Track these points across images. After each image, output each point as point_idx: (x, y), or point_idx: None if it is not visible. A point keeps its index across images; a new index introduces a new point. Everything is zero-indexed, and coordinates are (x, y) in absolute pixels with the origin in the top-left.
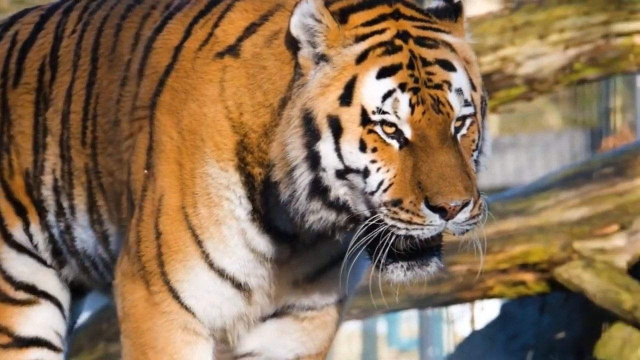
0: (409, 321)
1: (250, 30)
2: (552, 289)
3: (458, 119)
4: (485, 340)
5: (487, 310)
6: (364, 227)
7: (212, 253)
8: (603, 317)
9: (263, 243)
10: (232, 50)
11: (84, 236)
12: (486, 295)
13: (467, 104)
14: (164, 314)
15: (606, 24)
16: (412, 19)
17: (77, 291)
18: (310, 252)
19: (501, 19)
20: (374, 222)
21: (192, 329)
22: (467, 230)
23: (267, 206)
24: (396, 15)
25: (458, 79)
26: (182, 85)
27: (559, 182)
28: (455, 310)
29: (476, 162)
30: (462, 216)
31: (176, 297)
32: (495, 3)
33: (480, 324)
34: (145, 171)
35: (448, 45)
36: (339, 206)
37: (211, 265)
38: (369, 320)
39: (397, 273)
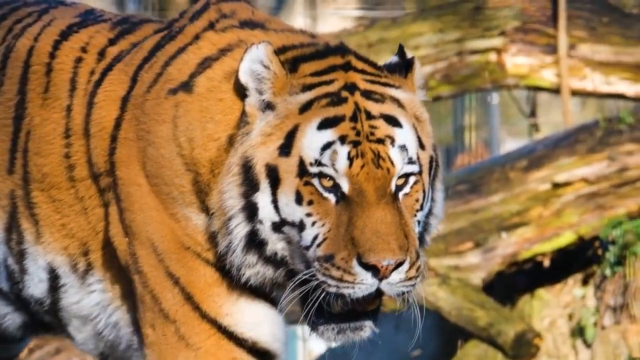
0: None
1: (204, 64)
2: (407, 307)
3: (400, 177)
4: (341, 357)
5: None
6: (297, 280)
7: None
8: (458, 334)
9: None
10: (185, 86)
11: None
12: None
13: (411, 161)
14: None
15: (460, 41)
16: (362, 72)
17: None
18: None
19: (356, 35)
20: (306, 276)
21: None
22: (403, 293)
23: None
24: (347, 67)
25: (403, 135)
26: (135, 133)
27: None
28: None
29: (422, 222)
30: (396, 276)
31: (232, 336)
32: (349, 20)
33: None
34: (126, 239)
35: (396, 100)
36: (276, 261)
37: (244, 285)
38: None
39: (328, 335)
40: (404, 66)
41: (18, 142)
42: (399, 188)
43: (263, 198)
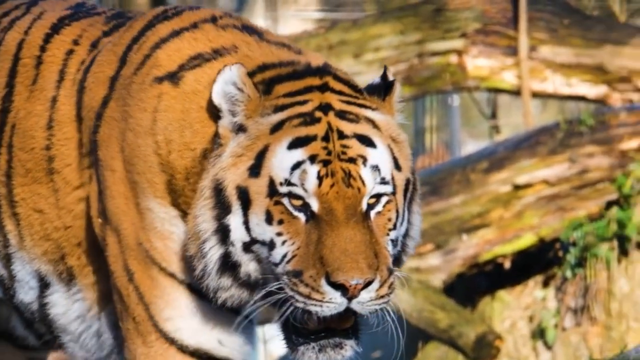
0: None
1: (196, 60)
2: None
3: (372, 196)
4: None
5: None
6: (264, 291)
7: (187, 279)
8: (419, 336)
9: None
10: (172, 77)
11: None
12: None
13: (384, 181)
14: None
15: (421, 43)
16: (340, 93)
17: None
18: None
19: (316, 37)
20: (274, 288)
21: None
22: (376, 310)
23: None
24: (323, 88)
25: (376, 155)
26: (120, 114)
27: None
28: (270, 329)
29: (399, 243)
30: (366, 295)
31: (173, 341)
32: (310, 22)
33: None
34: (100, 220)
35: (371, 121)
36: (250, 284)
37: (192, 289)
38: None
39: (309, 355)
40: (383, 88)
41: (3, 137)
42: (371, 207)
43: (235, 220)
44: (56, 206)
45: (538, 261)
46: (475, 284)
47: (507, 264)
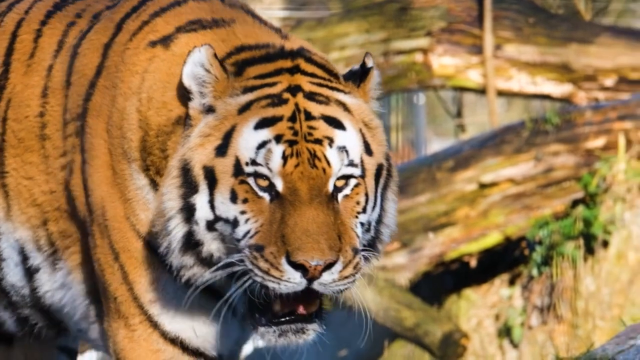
0: None
1: (194, 25)
2: (334, 307)
3: (340, 178)
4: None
5: None
6: (223, 263)
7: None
8: (385, 335)
9: None
10: (166, 39)
11: None
12: None
13: (352, 164)
14: (154, 353)
15: (386, 42)
16: (311, 75)
17: None
18: None
19: None
20: (235, 260)
21: None
22: (341, 291)
23: None
24: (294, 70)
25: (344, 137)
26: (112, 81)
27: None
28: None
29: (372, 229)
30: (328, 277)
31: (156, 325)
32: (275, 20)
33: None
34: (84, 192)
35: (342, 104)
36: (212, 264)
37: (172, 272)
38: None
39: (269, 337)
40: (360, 74)
41: None
42: (338, 189)
43: (201, 199)
44: (45, 172)
45: (504, 260)
46: (442, 282)
47: (473, 263)
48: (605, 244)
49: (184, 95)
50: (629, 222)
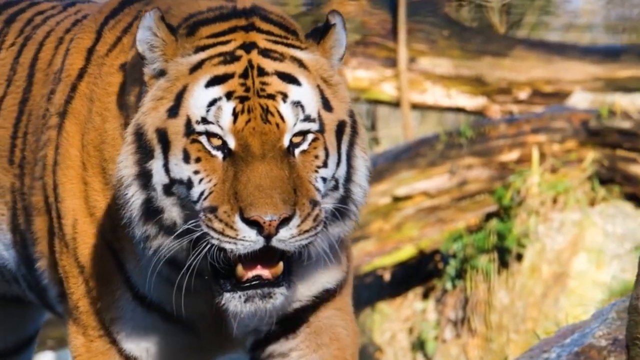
0: None
1: None
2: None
3: (296, 134)
4: None
5: None
6: (180, 230)
7: (133, 277)
8: None
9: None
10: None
11: (5, 254)
12: None
13: (308, 119)
14: None
15: None
16: (267, 32)
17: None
18: None
19: None
20: (191, 226)
21: None
22: (303, 246)
23: None
24: (249, 28)
25: (299, 92)
26: (91, 93)
27: None
28: None
29: (341, 187)
30: (285, 233)
31: (114, 342)
32: None
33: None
34: (54, 195)
35: (297, 60)
36: (175, 232)
37: (135, 293)
38: (64, 352)
39: (235, 303)
40: (321, 31)
41: (19, 127)
42: (295, 145)
43: (156, 164)
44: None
45: (418, 273)
46: (355, 295)
47: (387, 276)
48: (519, 257)
49: (139, 62)
50: (543, 235)
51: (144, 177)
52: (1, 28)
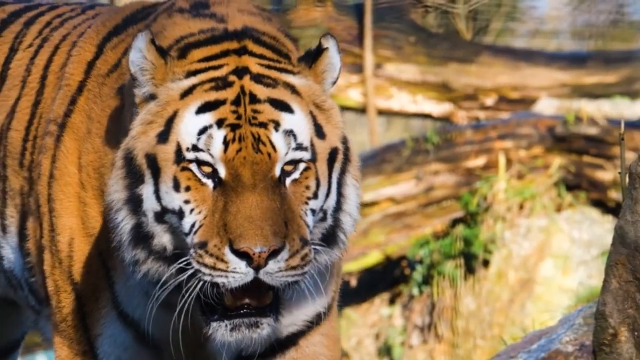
0: None
1: None
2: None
3: (288, 163)
4: None
5: None
6: (173, 268)
7: (120, 296)
8: None
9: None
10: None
11: (11, 257)
12: None
13: (300, 147)
14: None
15: None
16: (260, 56)
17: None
18: None
19: None
20: (183, 265)
21: None
22: (288, 283)
23: None
24: (241, 52)
25: (292, 120)
26: (90, 111)
27: None
28: None
29: (330, 217)
30: (274, 266)
31: (95, 357)
32: None
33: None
34: (47, 206)
35: (290, 86)
36: (166, 257)
37: (120, 311)
38: (29, 357)
39: (222, 332)
40: (313, 55)
41: (30, 130)
42: (287, 174)
43: (147, 189)
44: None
45: (384, 279)
46: None
47: (354, 282)
48: (486, 263)
49: (131, 83)
50: (509, 241)
51: (134, 202)
52: (20, 30)
